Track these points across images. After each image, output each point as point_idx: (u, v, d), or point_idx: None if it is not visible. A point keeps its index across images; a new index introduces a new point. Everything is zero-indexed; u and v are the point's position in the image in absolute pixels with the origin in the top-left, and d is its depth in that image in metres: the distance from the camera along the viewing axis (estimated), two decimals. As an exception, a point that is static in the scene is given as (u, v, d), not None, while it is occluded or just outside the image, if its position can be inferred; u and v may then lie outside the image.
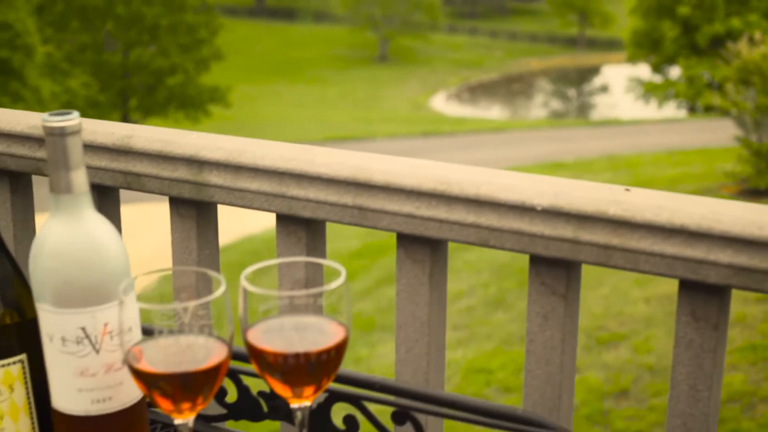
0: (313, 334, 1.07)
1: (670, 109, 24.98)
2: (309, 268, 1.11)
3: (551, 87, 31.92)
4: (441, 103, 27.15)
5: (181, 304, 1.03)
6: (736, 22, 24.14)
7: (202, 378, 1.03)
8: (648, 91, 25.84)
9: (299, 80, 30.11)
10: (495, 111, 27.58)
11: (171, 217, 1.51)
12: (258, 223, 11.17)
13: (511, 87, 31.05)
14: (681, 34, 24.52)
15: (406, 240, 1.38)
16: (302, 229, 1.42)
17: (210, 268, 1.53)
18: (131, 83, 24.32)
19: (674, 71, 25.26)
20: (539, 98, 30.51)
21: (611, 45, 38.00)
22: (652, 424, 5.78)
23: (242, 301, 1.05)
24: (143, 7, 23.54)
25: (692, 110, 24.30)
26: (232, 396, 1.28)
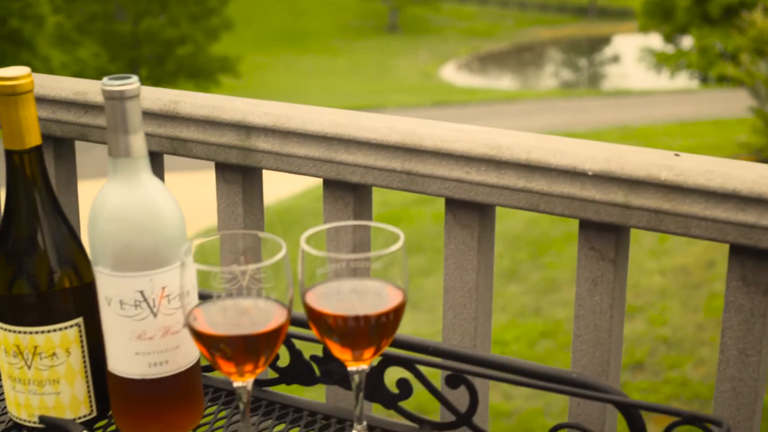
0: (372, 297, 1.07)
1: (682, 80, 24.83)
2: (357, 233, 1.11)
3: (562, 57, 31.76)
4: (451, 73, 27.04)
5: (240, 267, 1.03)
6: (750, -8, 23.91)
7: (264, 341, 1.03)
8: (660, 62, 25.68)
9: (309, 50, 30.01)
10: (505, 81, 27.46)
11: (217, 183, 1.52)
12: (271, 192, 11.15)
13: (522, 57, 30.90)
14: (693, 4, 24.31)
15: (455, 205, 1.38)
16: (350, 195, 1.43)
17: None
18: (141, 53, 24.24)
19: (686, 41, 25.07)
20: (550, 68, 30.36)
21: (622, 14, 37.73)
22: (668, 397, 5.80)
23: (301, 264, 1.05)
24: (153, -23, 23.44)
25: (704, 81, 24.15)
26: (284, 360, 1.29)
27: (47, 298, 1.15)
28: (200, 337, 1.04)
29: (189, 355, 1.16)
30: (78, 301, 1.16)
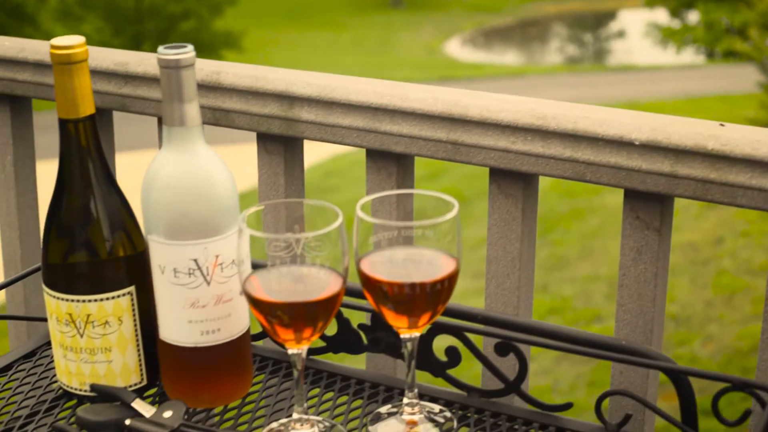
0: (426, 265, 1.08)
1: (688, 55, 24.72)
2: (401, 202, 1.12)
3: (567, 32, 31.61)
4: (456, 49, 26.92)
5: (295, 235, 1.04)
6: (757, -34, 23.76)
7: (322, 308, 1.04)
8: (666, 37, 25.56)
9: (313, 25, 29.89)
10: (510, 56, 27.33)
11: (258, 153, 1.52)
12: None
13: (527, 32, 30.74)
14: (700, -22, 24.18)
15: (499, 175, 1.39)
16: (393, 165, 1.43)
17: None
18: (145, 28, 24.13)
19: (692, 16, 24.94)
20: (555, 43, 30.21)
21: (627, -11, 37.53)
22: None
23: (356, 232, 1.06)
24: (157, -49, 23.30)
25: (711, 56, 24.05)
26: (331, 329, 1.30)
27: (101, 267, 1.16)
28: (258, 305, 1.05)
29: (240, 324, 1.17)
30: (130, 270, 1.17)
